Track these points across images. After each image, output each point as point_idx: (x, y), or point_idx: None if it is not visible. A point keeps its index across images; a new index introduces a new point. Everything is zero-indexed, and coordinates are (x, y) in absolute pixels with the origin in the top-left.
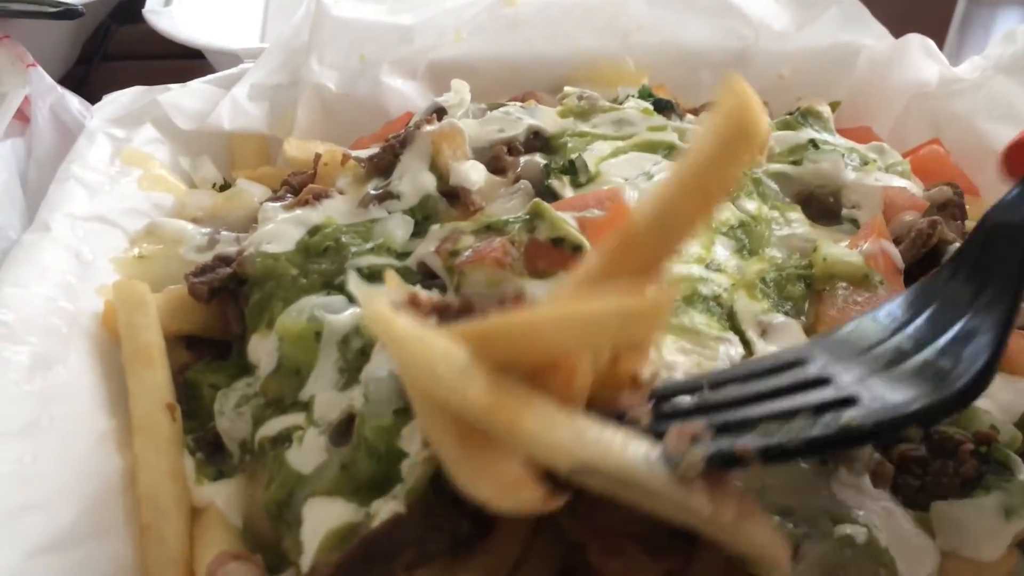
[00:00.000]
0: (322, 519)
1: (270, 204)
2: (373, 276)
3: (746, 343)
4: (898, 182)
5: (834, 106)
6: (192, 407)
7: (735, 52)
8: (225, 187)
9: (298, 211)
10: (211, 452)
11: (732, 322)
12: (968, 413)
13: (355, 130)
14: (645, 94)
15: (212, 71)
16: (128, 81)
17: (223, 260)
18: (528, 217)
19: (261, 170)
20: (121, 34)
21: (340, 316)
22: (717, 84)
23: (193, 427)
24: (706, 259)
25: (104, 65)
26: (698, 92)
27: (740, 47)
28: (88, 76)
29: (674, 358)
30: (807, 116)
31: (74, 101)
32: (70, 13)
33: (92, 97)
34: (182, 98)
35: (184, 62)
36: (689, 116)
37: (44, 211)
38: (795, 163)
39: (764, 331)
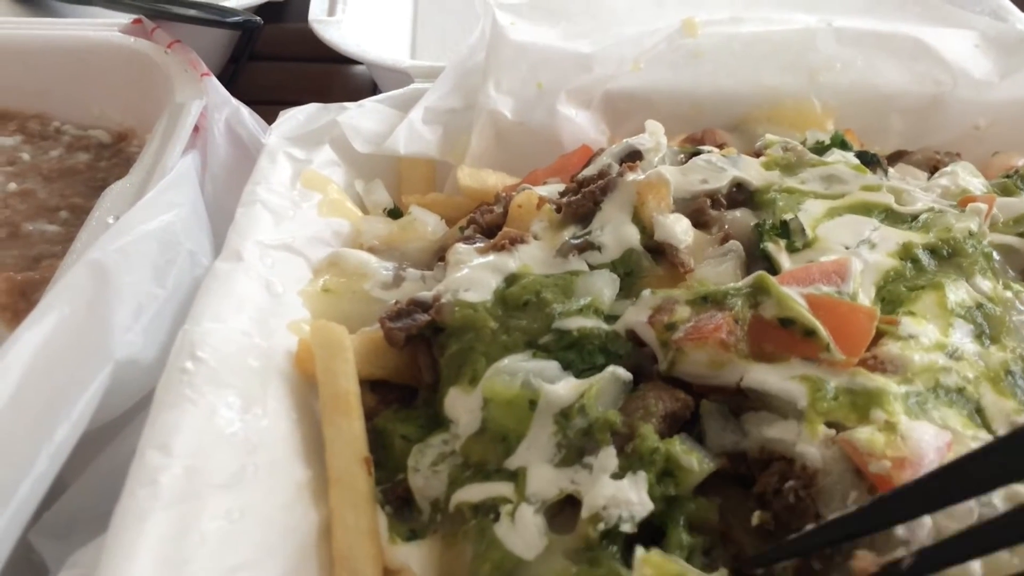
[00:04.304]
0: None
1: (462, 246)
2: (583, 339)
3: None
4: None
5: None
6: (379, 456)
7: (929, 98)
8: (394, 212)
9: (492, 256)
10: (399, 506)
11: (982, 419)
12: None
13: (527, 159)
14: (838, 141)
15: (357, 76)
16: (275, 82)
17: (419, 305)
18: (750, 290)
19: (430, 197)
20: (265, 33)
21: (558, 387)
22: (908, 130)
23: (380, 478)
24: (946, 345)
25: (249, 64)
26: (886, 137)
27: (935, 93)
28: (236, 76)
29: None
30: None
31: (246, 114)
32: (249, 24)
33: (239, 97)
34: (359, 119)
35: (329, 66)
36: (892, 171)
37: (234, 237)
38: (1021, 235)
39: None
